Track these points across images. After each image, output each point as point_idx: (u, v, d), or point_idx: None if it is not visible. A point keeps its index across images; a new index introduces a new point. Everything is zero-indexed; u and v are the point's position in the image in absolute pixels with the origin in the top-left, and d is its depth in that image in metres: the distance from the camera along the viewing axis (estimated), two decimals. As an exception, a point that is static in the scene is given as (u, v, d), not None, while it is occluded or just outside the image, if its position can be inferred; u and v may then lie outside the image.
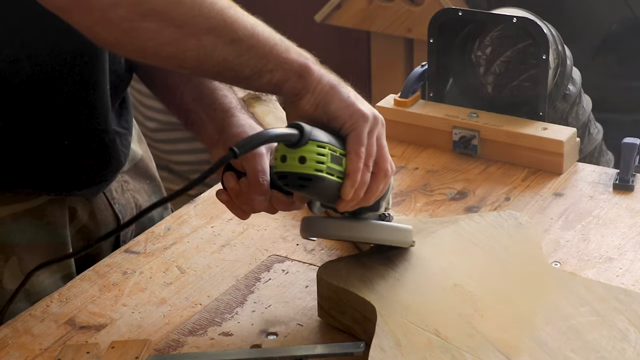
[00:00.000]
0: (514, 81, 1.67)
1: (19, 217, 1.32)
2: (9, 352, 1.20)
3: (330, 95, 1.11)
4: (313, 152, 1.07)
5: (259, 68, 1.10)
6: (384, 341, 1.09)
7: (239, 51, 1.08)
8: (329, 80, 1.12)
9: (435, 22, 1.65)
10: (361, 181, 1.11)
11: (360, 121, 1.11)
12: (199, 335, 1.21)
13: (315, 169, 1.08)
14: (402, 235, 1.22)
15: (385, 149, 1.14)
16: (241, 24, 1.08)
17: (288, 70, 1.10)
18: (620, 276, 1.29)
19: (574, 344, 1.09)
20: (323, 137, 1.09)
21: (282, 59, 1.10)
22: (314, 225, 1.20)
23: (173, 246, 1.40)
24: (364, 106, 1.12)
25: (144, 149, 1.53)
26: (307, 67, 1.10)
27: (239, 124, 1.27)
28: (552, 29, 1.64)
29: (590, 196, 1.48)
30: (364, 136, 1.11)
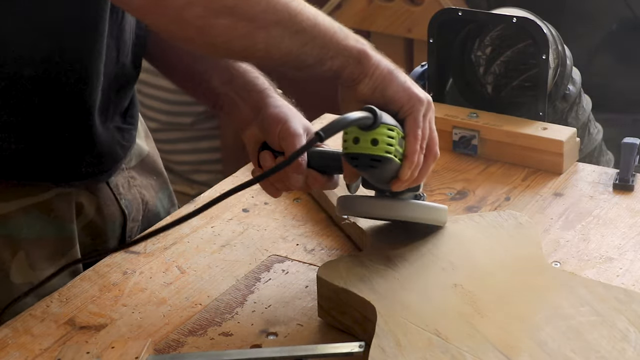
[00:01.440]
0: (514, 81, 1.67)
1: (27, 211, 1.32)
2: (9, 352, 1.20)
3: (388, 80, 1.16)
4: (384, 135, 1.13)
5: (320, 56, 1.15)
6: (384, 341, 1.09)
7: (303, 41, 1.13)
8: (386, 65, 1.17)
9: (435, 22, 1.65)
10: (417, 162, 1.17)
11: (417, 105, 1.16)
12: (199, 335, 1.21)
13: (386, 150, 1.13)
14: (438, 214, 1.26)
15: (435, 132, 1.20)
16: (305, 15, 1.13)
17: (347, 56, 1.15)
18: (621, 276, 1.29)
19: (574, 344, 1.09)
20: (391, 120, 1.14)
21: (341, 46, 1.15)
22: (353, 203, 1.24)
23: (173, 246, 1.40)
24: (419, 91, 1.17)
25: (150, 145, 1.54)
26: (365, 53, 1.15)
27: (275, 104, 1.31)
28: (552, 29, 1.64)
29: (590, 196, 1.48)
30: (420, 119, 1.16)
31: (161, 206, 1.54)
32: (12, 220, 1.31)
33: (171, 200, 1.58)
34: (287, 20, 1.12)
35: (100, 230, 1.42)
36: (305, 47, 1.14)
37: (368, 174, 1.20)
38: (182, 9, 1.09)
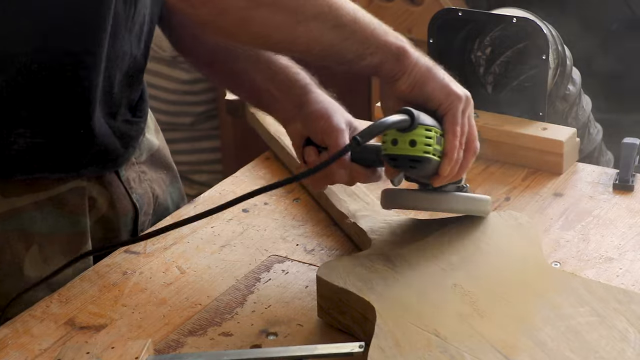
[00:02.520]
0: (513, 81, 1.67)
1: (40, 205, 1.33)
2: (9, 352, 1.20)
3: (427, 77, 1.18)
4: (422, 136, 1.15)
5: (360, 51, 1.17)
6: (383, 341, 1.09)
7: (343, 35, 1.16)
8: (425, 62, 1.18)
9: (435, 22, 1.65)
10: (457, 159, 1.19)
11: (456, 102, 1.17)
12: (199, 335, 1.21)
13: (424, 151, 1.16)
14: (481, 205, 1.28)
15: (475, 127, 1.21)
16: (344, 10, 1.15)
17: (387, 52, 1.17)
18: (620, 276, 1.29)
19: (573, 344, 1.09)
20: (428, 120, 1.16)
21: (381, 42, 1.17)
22: (397, 197, 1.27)
23: (173, 246, 1.40)
24: (457, 87, 1.19)
25: (160, 139, 1.56)
26: (404, 50, 1.17)
27: (318, 100, 1.32)
28: (551, 29, 1.64)
29: (590, 196, 1.48)
30: (459, 116, 1.18)
31: (171, 200, 1.55)
32: (25, 214, 1.32)
33: (181, 194, 1.59)
34: (327, 14, 1.14)
35: (112, 224, 1.43)
36: (346, 41, 1.16)
37: (410, 173, 1.23)
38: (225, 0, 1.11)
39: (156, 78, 2.83)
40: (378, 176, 1.29)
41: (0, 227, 1.32)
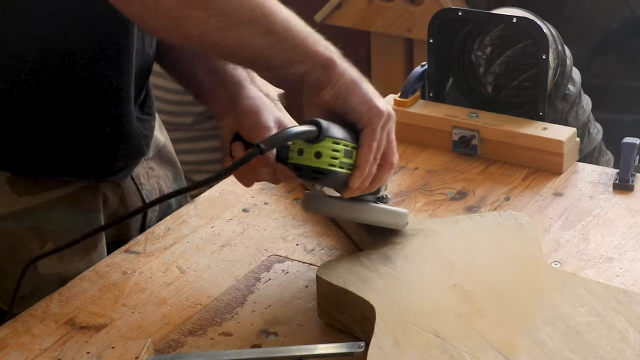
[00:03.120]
0: (513, 81, 1.67)
1: (54, 204, 1.34)
2: (9, 352, 1.20)
3: (351, 89, 1.17)
4: (328, 149, 1.15)
5: (289, 59, 1.17)
6: (382, 341, 1.09)
7: (273, 42, 1.15)
8: (351, 74, 1.18)
9: (435, 22, 1.65)
10: (368, 173, 1.19)
11: (376, 117, 1.17)
12: (199, 335, 1.22)
13: (329, 164, 1.16)
14: (397, 218, 1.28)
15: (394, 142, 1.21)
16: (278, 16, 1.14)
17: (315, 61, 1.17)
18: (620, 276, 1.29)
19: (573, 344, 1.09)
20: (338, 133, 1.16)
21: (311, 51, 1.16)
22: (314, 202, 1.26)
23: (173, 246, 1.40)
24: (380, 102, 1.18)
25: (165, 136, 1.57)
26: (332, 61, 1.17)
27: (250, 96, 1.32)
28: (551, 28, 1.64)
29: (590, 196, 1.48)
30: (378, 131, 1.18)
31: (175, 198, 1.56)
32: (39, 212, 1.33)
33: None
34: (260, 19, 1.14)
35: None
36: (275, 48, 1.16)
37: (316, 183, 1.23)
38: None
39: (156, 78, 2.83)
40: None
41: (15, 225, 1.33)
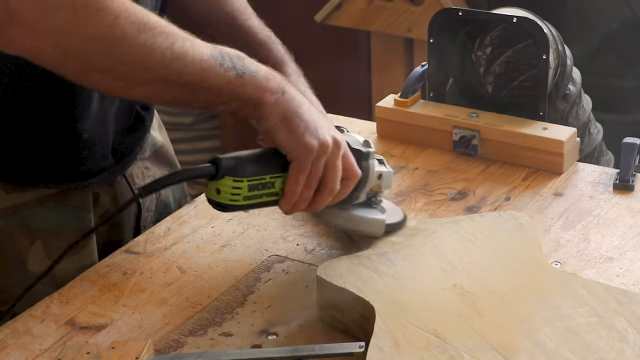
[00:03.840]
0: (514, 81, 1.67)
1: (43, 201, 1.34)
2: (9, 352, 1.20)
3: (279, 127, 1.19)
4: (228, 187, 1.19)
5: (212, 101, 1.19)
6: (382, 341, 1.09)
7: (190, 91, 1.16)
8: (284, 109, 1.19)
9: (435, 22, 1.65)
10: (300, 199, 1.21)
11: (303, 154, 1.19)
12: (199, 335, 1.22)
13: (230, 199, 1.20)
14: (372, 227, 1.30)
15: (336, 169, 1.21)
16: (191, 70, 1.14)
17: (242, 102, 1.18)
18: (621, 276, 1.29)
19: (573, 344, 1.09)
20: (245, 171, 1.19)
21: (236, 94, 1.17)
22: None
23: (173, 246, 1.40)
24: (310, 138, 1.19)
25: (164, 136, 1.57)
26: (261, 100, 1.18)
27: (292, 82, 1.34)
28: (552, 28, 1.64)
29: (590, 196, 1.48)
30: (305, 166, 1.19)
31: (173, 198, 1.56)
32: (28, 210, 1.34)
33: (183, 192, 1.61)
34: (170, 75, 1.13)
35: (116, 220, 1.44)
36: (193, 95, 1.17)
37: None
38: (61, 63, 1.11)
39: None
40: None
41: (4, 223, 1.33)
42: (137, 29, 1.09)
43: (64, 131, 1.33)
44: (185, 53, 1.13)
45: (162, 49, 1.11)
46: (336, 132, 1.23)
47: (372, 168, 1.28)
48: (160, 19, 1.13)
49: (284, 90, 1.19)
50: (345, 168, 1.23)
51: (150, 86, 1.15)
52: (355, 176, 1.25)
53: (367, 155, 1.28)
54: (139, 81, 1.14)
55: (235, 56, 1.18)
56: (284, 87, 1.20)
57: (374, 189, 1.30)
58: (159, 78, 1.14)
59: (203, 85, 1.15)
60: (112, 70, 1.12)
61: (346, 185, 1.24)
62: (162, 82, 1.14)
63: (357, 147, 1.27)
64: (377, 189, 1.31)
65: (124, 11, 1.09)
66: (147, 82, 1.14)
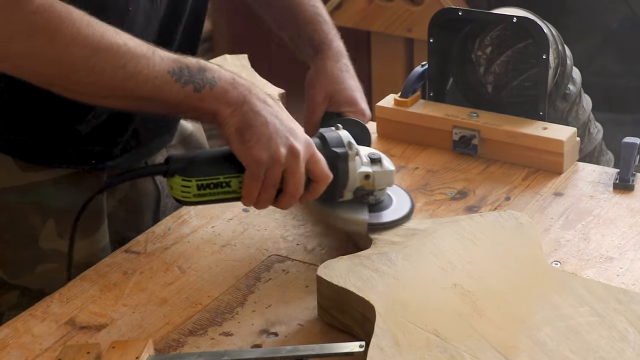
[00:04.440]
0: (514, 81, 1.67)
1: (57, 182, 1.39)
2: (10, 352, 1.20)
3: (233, 137, 1.23)
4: (178, 184, 1.26)
5: (171, 111, 1.27)
6: (382, 341, 1.09)
7: (147, 104, 1.23)
8: (237, 122, 1.23)
9: (435, 22, 1.65)
10: (259, 201, 1.26)
11: (252, 164, 1.23)
12: (200, 335, 1.22)
13: (182, 196, 1.27)
14: (353, 225, 1.32)
15: (295, 175, 1.24)
16: (145, 87, 1.20)
17: (201, 113, 1.24)
18: (621, 276, 1.29)
19: (573, 344, 1.09)
20: (194, 171, 1.25)
21: (193, 106, 1.23)
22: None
23: (173, 246, 1.40)
24: (261, 149, 1.23)
25: (195, 125, 1.60)
26: (217, 112, 1.23)
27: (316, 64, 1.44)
28: (552, 28, 1.64)
29: (590, 196, 1.48)
30: (257, 174, 1.23)
31: None
32: (42, 188, 1.37)
33: None
34: (120, 94, 1.21)
35: (135, 204, 1.49)
36: (152, 107, 1.24)
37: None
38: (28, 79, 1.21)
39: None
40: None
41: (18, 199, 1.38)
42: (88, 53, 1.17)
43: (82, 114, 1.36)
44: (138, 72, 1.19)
45: (114, 70, 1.18)
46: (300, 139, 1.24)
47: (352, 169, 1.30)
48: (118, 36, 1.18)
49: (244, 100, 1.23)
50: (312, 172, 1.26)
51: (109, 100, 1.23)
52: (324, 179, 1.27)
53: (344, 158, 1.30)
54: (96, 96, 1.22)
55: (196, 70, 1.22)
56: (245, 97, 1.23)
57: (366, 187, 1.32)
58: (113, 95, 1.21)
59: (160, 99, 1.21)
60: (70, 88, 1.21)
61: (315, 188, 1.27)
62: (118, 97, 1.22)
63: (337, 149, 1.29)
64: (371, 187, 1.32)
65: (77, 36, 1.16)
66: (105, 97, 1.22)
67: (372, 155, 1.32)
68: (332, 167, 1.29)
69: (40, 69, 1.18)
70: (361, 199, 1.33)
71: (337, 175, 1.30)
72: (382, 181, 1.33)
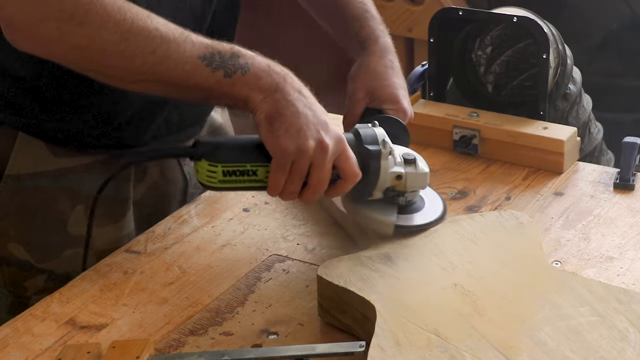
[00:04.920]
0: (514, 80, 1.67)
1: (89, 167, 1.40)
2: (10, 352, 1.20)
3: (262, 125, 1.22)
4: (204, 169, 1.24)
5: (202, 97, 1.25)
6: (383, 340, 1.09)
7: (178, 89, 1.23)
8: (268, 109, 1.22)
9: (435, 22, 1.65)
10: (284, 192, 1.24)
11: (278, 154, 1.21)
12: (200, 334, 1.22)
13: (207, 180, 1.25)
14: (376, 225, 1.29)
15: (321, 171, 1.22)
16: (175, 72, 1.20)
17: (232, 99, 1.23)
18: (621, 275, 1.29)
19: (574, 344, 1.09)
20: (220, 157, 1.24)
21: (224, 92, 1.22)
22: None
23: (174, 246, 1.40)
24: (289, 139, 1.21)
25: (225, 117, 1.63)
26: (248, 98, 1.22)
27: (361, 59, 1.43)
28: (552, 28, 1.64)
29: (590, 195, 1.48)
30: (283, 164, 1.21)
31: None
32: (73, 174, 1.39)
33: None
34: (151, 79, 1.21)
35: (162, 193, 1.51)
36: (182, 92, 1.24)
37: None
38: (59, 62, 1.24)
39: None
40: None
41: (49, 184, 1.40)
42: (118, 38, 1.17)
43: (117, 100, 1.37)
44: (168, 57, 1.19)
45: (144, 55, 1.19)
46: (331, 134, 1.22)
47: (383, 168, 1.27)
48: (150, 21, 1.19)
49: (277, 88, 1.22)
50: (341, 168, 1.24)
51: (140, 84, 1.23)
52: (353, 177, 1.25)
53: (377, 156, 1.26)
54: (127, 81, 1.23)
55: (228, 56, 1.21)
56: (278, 85, 1.22)
57: (397, 188, 1.29)
58: (144, 79, 1.21)
59: (189, 84, 1.21)
60: (101, 72, 1.23)
61: (342, 184, 1.25)
62: (148, 82, 1.22)
63: (371, 146, 1.26)
64: (402, 188, 1.29)
65: (106, 22, 1.17)
66: (135, 81, 1.23)
67: (407, 156, 1.29)
68: (364, 164, 1.26)
69: (71, 52, 1.20)
70: (391, 199, 1.30)
71: (368, 174, 1.26)
72: (414, 183, 1.29)
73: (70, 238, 1.42)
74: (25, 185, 1.41)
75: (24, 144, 1.40)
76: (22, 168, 1.40)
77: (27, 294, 1.44)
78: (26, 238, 1.43)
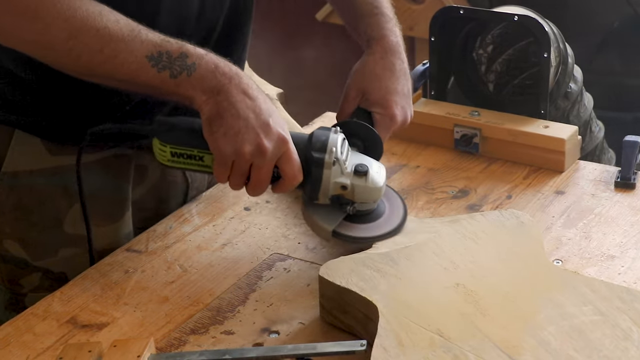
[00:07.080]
0: (515, 79, 1.67)
1: (87, 166, 1.38)
2: (11, 350, 1.20)
3: (205, 125, 1.24)
4: (156, 146, 1.29)
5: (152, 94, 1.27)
6: (386, 341, 1.09)
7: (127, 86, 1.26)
8: (209, 110, 1.23)
9: (436, 21, 1.65)
10: (230, 184, 1.26)
11: (217, 155, 1.24)
12: (201, 333, 1.21)
13: (159, 156, 1.30)
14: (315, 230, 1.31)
15: (259, 172, 1.24)
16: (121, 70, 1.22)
17: (179, 98, 1.25)
18: (622, 274, 1.29)
19: (577, 343, 1.09)
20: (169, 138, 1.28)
21: (170, 91, 1.24)
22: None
23: (175, 245, 1.40)
24: (226, 142, 1.22)
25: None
26: (193, 99, 1.24)
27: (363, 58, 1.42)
28: (553, 27, 1.64)
29: (591, 194, 1.48)
30: (223, 163, 1.24)
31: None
32: (70, 172, 1.37)
33: None
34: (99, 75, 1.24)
35: (163, 194, 1.50)
36: (133, 88, 1.26)
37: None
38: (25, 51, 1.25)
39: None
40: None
41: (45, 182, 1.40)
42: (66, 36, 1.20)
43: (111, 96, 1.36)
44: (115, 56, 1.21)
45: (91, 53, 1.21)
46: (271, 136, 1.23)
47: (326, 176, 1.26)
48: (100, 19, 1.20)
49: (220, 90, 1.23)
50: (281, 169, 1.25)
51: (93, 79, 1.26)
52: (291, 179, 1.25)
53: (319, 164, 1.26)
54: (80, 75, 1.25)
55: (175, 56, 1.23)
56: (223, 86, 1.23)
57: (345, 196, 1.28)
58: (93, 75, 1.25)
59: (137, 82, 1.24)
60: (55, 66, 1.25)
61: (283, 184, 1.26)
62: (99, 77, 1.25)
63: (316, 152, 1.26)
64: (350, 197, 1.28)
65: (56, 19, 1.19)
66: (87, 76, 1.25)
67: (360, 167, 1.27)
68: (306, 169, 1.26)
69: (25, 47, 1.23)
70: (340, 206, 1.29)
71: (310, 179, 1.26)
72: (363, 195, 1.28)
73: (66, 237, 1.42)
74: (22, 182, 1.41)
75: (20, 141, 1.40)
76: (19, 165, 1.40)
77: (23, 291, 1.44)
78: (22, 235, 1.43)
